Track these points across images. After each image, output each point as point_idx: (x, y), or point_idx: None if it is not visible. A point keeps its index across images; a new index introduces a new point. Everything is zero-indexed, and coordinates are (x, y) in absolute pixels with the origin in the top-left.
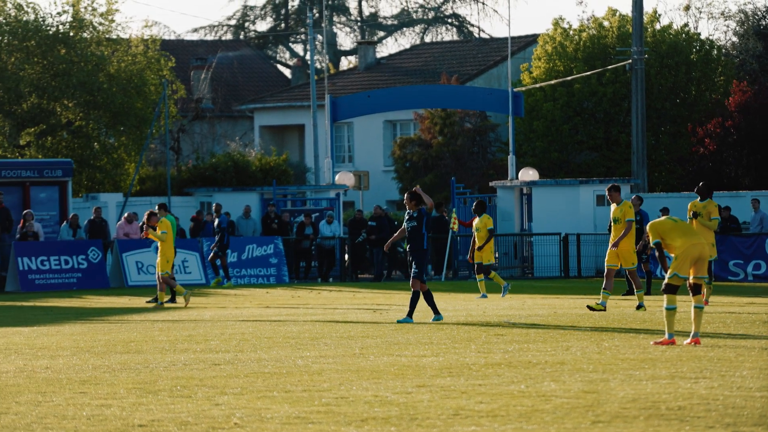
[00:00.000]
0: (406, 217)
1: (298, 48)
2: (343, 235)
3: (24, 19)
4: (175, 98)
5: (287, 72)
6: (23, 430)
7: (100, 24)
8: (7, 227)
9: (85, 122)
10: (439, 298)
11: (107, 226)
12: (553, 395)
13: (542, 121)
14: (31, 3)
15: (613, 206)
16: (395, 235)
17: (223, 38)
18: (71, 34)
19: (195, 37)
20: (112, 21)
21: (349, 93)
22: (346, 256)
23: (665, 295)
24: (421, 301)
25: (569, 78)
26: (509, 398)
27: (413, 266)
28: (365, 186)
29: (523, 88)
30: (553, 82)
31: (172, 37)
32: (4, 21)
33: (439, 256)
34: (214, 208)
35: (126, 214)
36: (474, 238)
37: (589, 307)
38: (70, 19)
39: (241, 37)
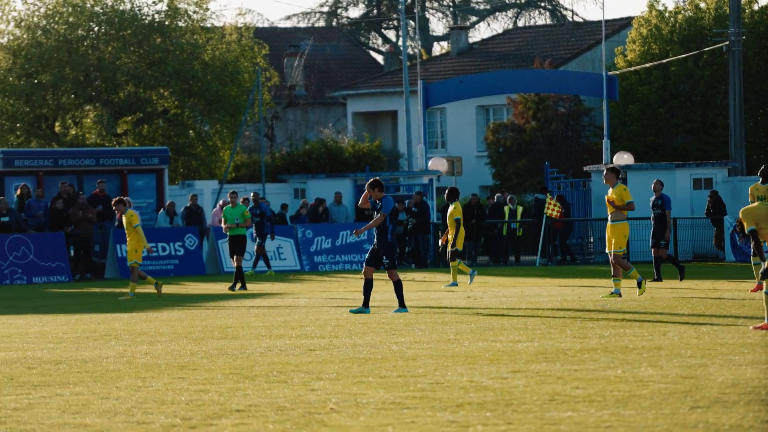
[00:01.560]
0: (372, 207)
1: (391, 34)
2: (436, 221)
3: (120, 8)
4: (268, 86)
5: (380, 58)
6: (124, 414)
7: (195, 12)
8: (109, 215)
9: (181, 110)
10: (533, 283)
11: (203, 213)
12: (650, 380)
13: (637, 104)
14: None
15: (610, 190)
16: (369, 223)
17: (316, 25)
18: (166, 23)
19: (288, 24)
20: (207, 9)
21: (442, 78)
22: (439, 242)
23: (764, 281)
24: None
25: (665, 61)
26: (606, 383)
27: (383, 258)
28: (458, 172)
29: (618, 72)
30: (648, 65)
31: (266, 25)
32: (101, 11)
33: (534, 241)
34: (252, 197)
35: (221, 201)
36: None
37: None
38: (165, 8)
39: (334, 23)
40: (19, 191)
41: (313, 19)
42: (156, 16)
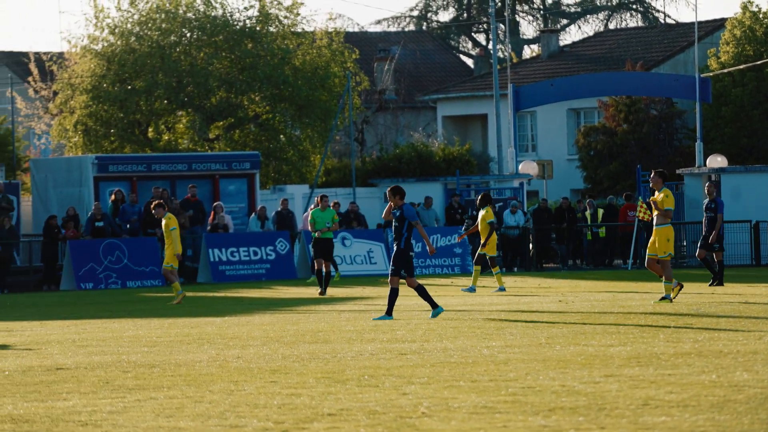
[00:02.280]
0: (393, 216)
1: (481, 38)
2: (527, 224)
3: (212, 14)
4: (359, 90)
5: (470, 62)
6: (217, 418)
7: (286, 18)
8: (200, 219)
9: (272, 115)
10: (625, 287)
11: (294, 218)
12: (746, 385)
13: (731, 106)
14: None
15: (656, 193)
16: (423, 236)
17: (406, 29)
18: (258, 28)
19: (378, 28)
20: (297, 14)
21: (532, 82)
22: (531, 246)
23: None
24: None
25: (759, 62)
26: (700, 388)
27: (391, 264)
28: (549, 175)
29: (711, 74)
30: (742, 67)
31: (356, 30)
32: (193, 17)
33: (625, 246)
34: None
35: (312, 206)
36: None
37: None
38: (256, 13)
39: (424, 27)
40: (113, 196)
41: (403, 23)
42: (247, 21)
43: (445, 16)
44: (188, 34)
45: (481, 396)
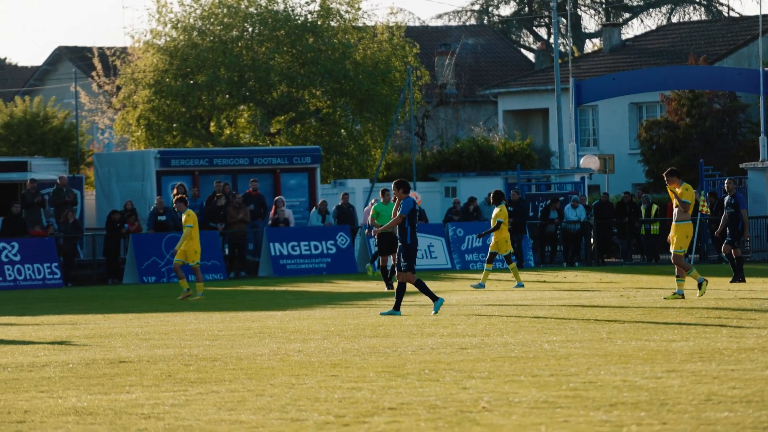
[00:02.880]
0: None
1: (542, 32)
2: (588, 218)
3: (274, 9)
4: (419, 84)
5: (531, 56)
6: (278, 411)
7: (347, 12)
8: (262, 213)
9: (333, 109)
10: (686, 282)
11: (354, 212)
12: None
13: None
14: None
15: (672, 190)
16: (388, 224)
17: (467, 23)
18: (319, 23)
19: (439, 23)
20: (359, 9)
21: (594, 76)
22: (592, 240)
23: None
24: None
25: None
26: (764, 384)
27: (401, 260)
28: (610, 169)
29: None
30: None
31: (417, 24)
32: (255, 12)
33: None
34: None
35: (372, 200)
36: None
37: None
38: (317, 8)
39: (485, 21)
40: (175, 191)
41: (464, 18)
42: (309, 16)
43: (507, 10)
44: (250, 29)
45: (542, 391)
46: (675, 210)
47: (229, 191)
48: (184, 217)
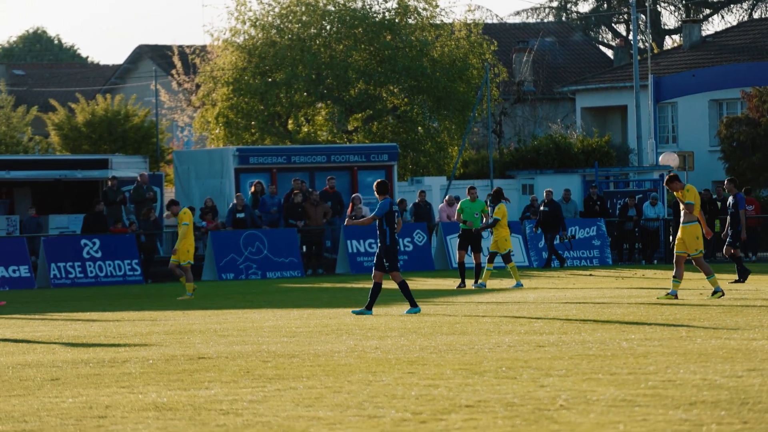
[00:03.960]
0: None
1: (621, 28)
2: (667, 216)
3: (352, 7)
4: (497, 81)
5: (609, 53)
6: (355, 408)
7: (424, 9)
8: (338, 211)
9: (410, 107)
10: (759, 279)
11: (432, 209)
12: None
13: None
14: None
15: (677, 194)
16: (361, 220)
17: (545, 20)
18: (396, 20)
19: (517, 20)
20: (436, 6)
21: (673, 72)
22: (671, 238)
23: None
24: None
25: None
26: None
27: (383, 261)
28: (690, 167)
29: None
30: None
31: (495, 21)
32: (333, 9)
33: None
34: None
35: (447, 197)
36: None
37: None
38: (395, 5)
39: (563, 18)
40: (253, 188)
41: (542, 15)
42: (386, 13)
43: (585, 6)
44: (328, 27)
45: (620, 389)
46: (682, 213)
47: (306, 188)
48: (180, 215)
